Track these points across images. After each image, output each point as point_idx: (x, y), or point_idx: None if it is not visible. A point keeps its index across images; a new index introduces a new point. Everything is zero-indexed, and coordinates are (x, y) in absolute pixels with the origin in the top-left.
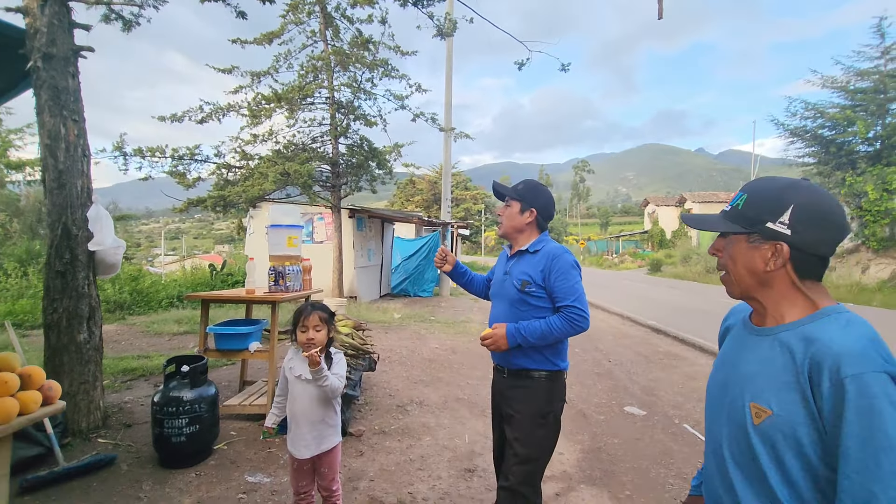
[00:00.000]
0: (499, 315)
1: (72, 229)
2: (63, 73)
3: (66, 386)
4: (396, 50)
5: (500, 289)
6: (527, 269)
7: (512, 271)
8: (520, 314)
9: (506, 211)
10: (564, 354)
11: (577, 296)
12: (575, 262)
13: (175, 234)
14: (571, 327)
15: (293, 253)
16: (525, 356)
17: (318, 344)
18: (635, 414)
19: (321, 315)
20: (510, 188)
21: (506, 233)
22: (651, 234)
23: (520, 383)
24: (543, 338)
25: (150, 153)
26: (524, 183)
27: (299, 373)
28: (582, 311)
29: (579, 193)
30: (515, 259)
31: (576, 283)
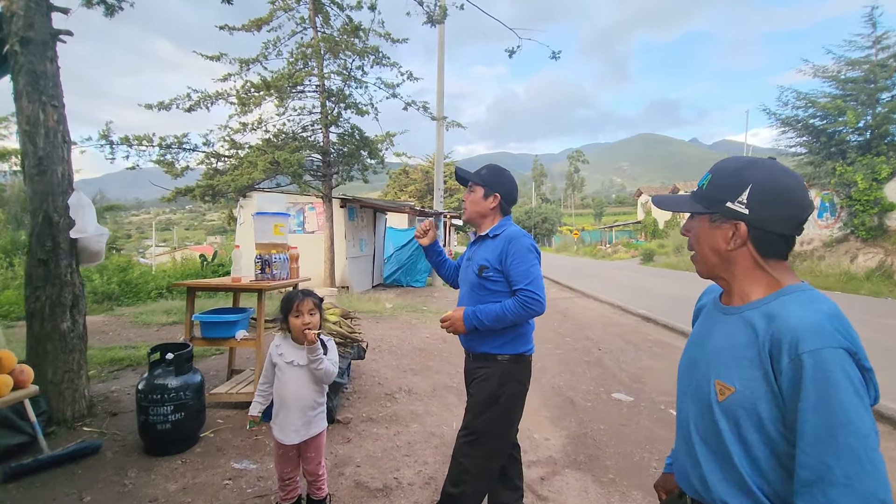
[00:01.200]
0: (461, 299)
1: (53, 217)
2: (41, 57)
3: (49, 375)
4: (387, 37)
5: (464, 274)
6: (486, 253)
7: (473, 256)
8: (479, 298)
9: (469, 196)
10: (527, 338)
11: (531, 279)
12: (532, 245)
13: (166, 225)
14: (525, 310)
15: (280, 241)
16: (486, 340)
17: (314, 327)
18: (622, 400)
19: (314, 300)
20: (473, 173)
21: (470, 218)
22: (644, 224)
23: (481, 365)
24: (498, 320)
25: (136, 141)
26: (487, 168)
27: (291, 358)
28: (535, 294)
29: (574, 184)
30: (478, 244)
31: (531, 266)
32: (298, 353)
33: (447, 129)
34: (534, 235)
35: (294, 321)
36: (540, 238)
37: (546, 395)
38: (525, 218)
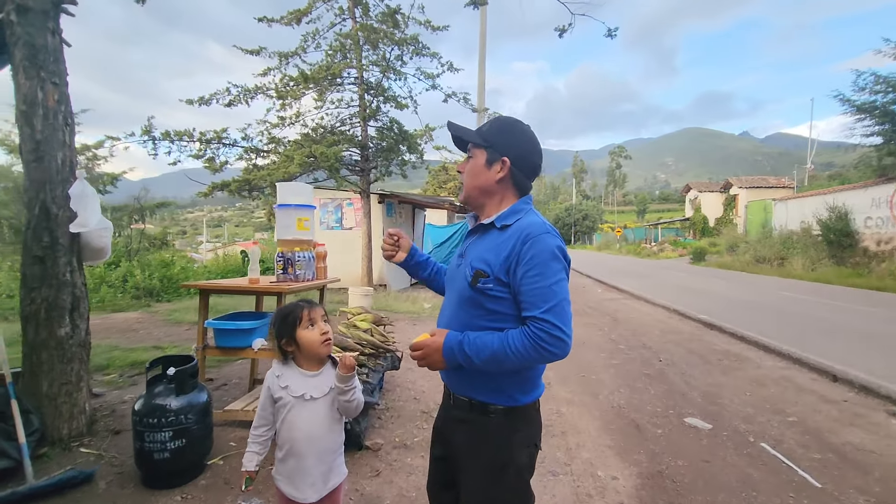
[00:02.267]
0: (444, 314)
1: (51, 208)
2: (41, 28)
3: (45, 387)
4: (427, 25)
5: (452, 277)
6: (487, 252)
7: (468, 253)
8: (469, 318)
9: (467, 164)
10: (534, 382)
11: (554, 303)
12: (559, 248)
13: (218, 221)
14: (538, 353)
15: (304, 237)
16: (472, 382)
17: (332, 336)
18: (699, 427)
19: (323, 309)
20: (472, 131)
21: (468, 197)
22: (693, 221)
23: (466, 417)
24: (496, 361)
25: (177, 137)
26: (492, 122)
27: (301, 391)
28: (558, 328)
29: (615, 180)
30: (477, 236)
31: (556, 282)
32: (310, 383)
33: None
34: (574, 233)
35: (307, 335)
36: (580, 236)
37: (606, 417)
38: (565, 215)
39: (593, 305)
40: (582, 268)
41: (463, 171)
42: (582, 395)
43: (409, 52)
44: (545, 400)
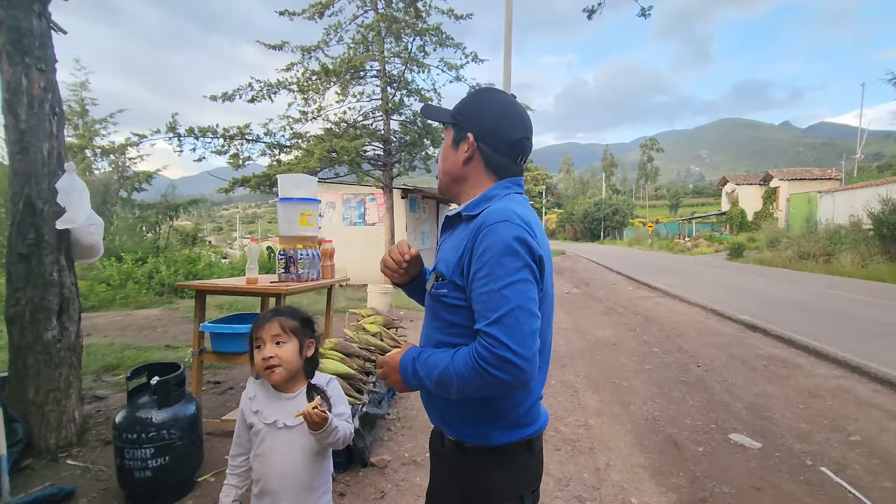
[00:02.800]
0: (424, 327)
1: (36, 203)
2: (26, 11)
3: (31, 394)
4: (450, 14)
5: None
6: (448, 251)
7: (439, 253)
8: (431, 331)
9: (441, 149)
10: (515, 415)
11: (502, 313)
12: (518, 239)
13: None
14: (481, 377)
15: (308, 233)
16: (441, 413)
17: (283, 364)
18: (746, 446)
19: (283, 322)
20: (445, 110)
21: (440, 186)
22: (730, 215)
23: (438, 452)
24: (443, 385)
25: (201, 133)
26: (469, 94)
27: (273, 418)
28: (504, 346)
29: (647, 174)
30: (448, 232)
31: (507, 286)
32: (284, 407)
33: None
34: (603, 228)
35: (256, 358)
36: (610, 231)
37: (640, 432)
38: (594, 210)
39: (624, 304)
40: (612, 264)
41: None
42: (612, 404)
43: (432, 42)
44: (571, 410)
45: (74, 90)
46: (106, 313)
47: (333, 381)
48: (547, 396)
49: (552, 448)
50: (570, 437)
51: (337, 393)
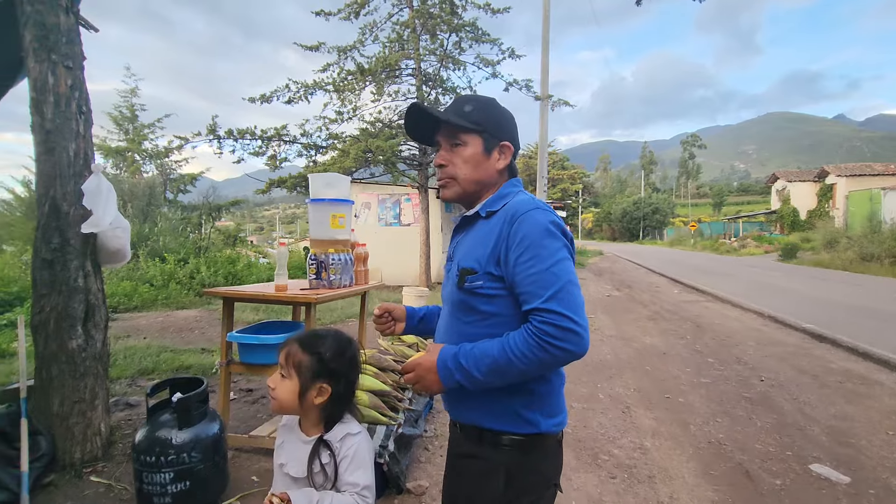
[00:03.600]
0: (440, 328)
1: (61, 206)
2: (53, 5)
3: (55, 406)
4: (486, 8)
5: (444, 286)
6: (474, 247)
7: (455, 253)
8: (463, 327)
9: (457, 155)
10: (556, 404)
11: (557, 289)
12: (554, 223)
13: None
14: (546, 352)
15: (340, 236)
16: (478, 405)
17: (280, 401)
18: (832, 480)
19: (291, 353)
20: (455, 114)
21: (465, 192)
22: (780, 214)
23: (472, 451)
24: (498, 372)
25: (240, 135)
26: (470, 102)
27: (283, 460)
28: (567, 317)
29: (688, 171)
30: (463, 232)
31: (555, 264)
32: (293, 452)
33: (552, 110)
34: (642, 228)
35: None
36: (650, 231)
37: (704, 458)
38: (633, 209)
39: (670, 308)
40: (653, 265)
41: (449, 164)
42: (669, 423)
43: (468, 38)
44: (624, 429)
45: (125, 96)
46: (148, 314)
47: (354, 437)
48: (596, 412)
49: (606, 476)
50: (625, 461)
51: (353, 454)
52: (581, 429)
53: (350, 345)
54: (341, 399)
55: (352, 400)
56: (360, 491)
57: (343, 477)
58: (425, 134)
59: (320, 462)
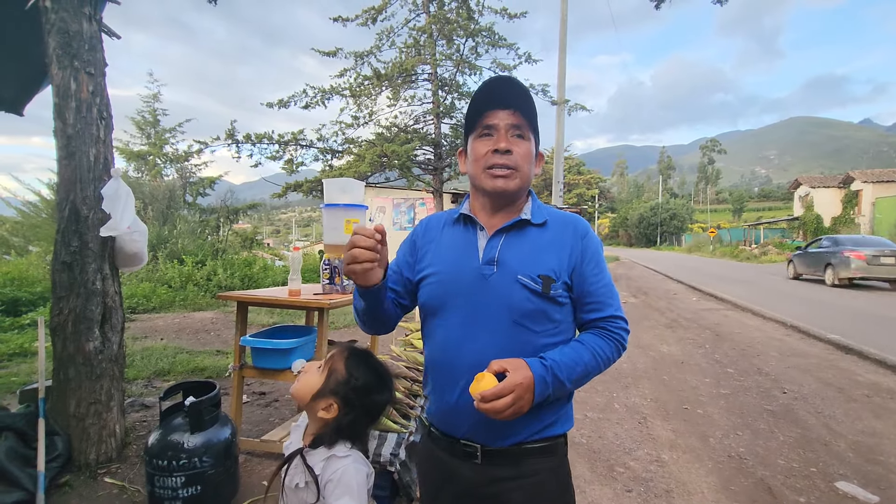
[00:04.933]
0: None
1: (81, 209)
2: (76, 13)
3: (72, 407)
4: (503, 13)
5: (478, 289)
6: (538, 255)
7: (505, 259)
8: (532, 337)
9: (519, 147)
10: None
11: (617, 298)
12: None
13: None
14: (619, 354)
15: None
16: (551, 413)
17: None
18: (860, 499)
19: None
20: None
21: (520, 189)
22: (803, 220)
23: (517, 472)
24: (585, 378)
25: (257, 140)
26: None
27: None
28: (627, 325)
29: (707, 176)
30: (504, 236)
31: (608, 276)
32: (296, 465)
33: (569, 114)
34: (660, 234)
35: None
36: (667, 237)
37: (724, 473)
38: (650, 214)
39: (689, 317)
40: (670, 271)
41: (512, 151)
42: (687, 436)
43: (484, 43)
44: (640, 441)
45: (147, 102)
46: (166, 315)
47: (343, 461)
48: (611, 423)
49: (622, 489)
50: (641, 475)
51: (339, 478)
52: (596, 439)
53: (384, 391)
54: (340, 429)
55: (356, 437)
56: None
57: (329, 501)
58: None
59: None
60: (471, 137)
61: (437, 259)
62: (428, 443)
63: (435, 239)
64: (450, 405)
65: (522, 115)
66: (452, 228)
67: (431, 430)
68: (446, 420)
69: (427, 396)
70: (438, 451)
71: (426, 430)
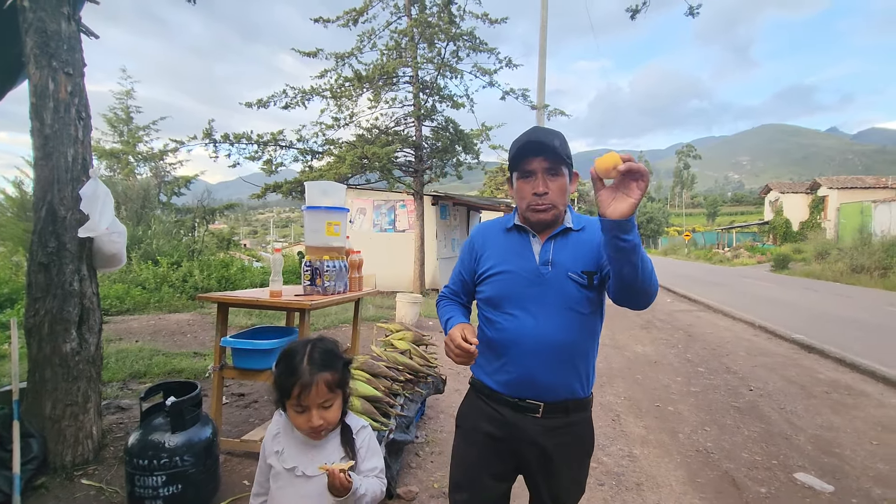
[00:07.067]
0: (546, 322)
1: (58, 210)
2: (54, 13)
3: (47, 409)
4: (484, 18)
5: (537, 282)
6: (581, 254)
7: (558, 260)
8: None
9: (555, 184)
10: None
11: None
12: None
13: (286, 222)
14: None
15: (335, 243)
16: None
17: (331, 425)
18: (816, 489)
19: (329, 379)
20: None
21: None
22: (773, 225)
23: (566, 422)
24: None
25: (236, 140)
26: (557, 137)
27: (293, 463)
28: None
29: (683, 181)
30: (554, 241)
31: None
32: (307, 455)
33: (548, 119)
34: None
35: (296, 418)
36: (645, 239)
37: (691, 465)
38: None
39: (663, 318)
40: None
41: (549, 192)
42: (658, 432)
43: (466, 47)
44: (613, 437)
45: (120, 98)
46: (140, 317)
47: (366, 429)
48: None
49: (594, 482)
50: (614, 469)
51: (368, 444)
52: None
53: (333, 342)
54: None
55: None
56: (378, 474)
57: (364, 464)
58: (517, 159)
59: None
60: (514, 174)
61: (499, 260)
62: (478, 402)
63: (493, 243)
64: (521, 373)
65: (555, 157)
66: (507, 235)
67: (491, 392)
68: (515, 384)
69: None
70: (499, 406)
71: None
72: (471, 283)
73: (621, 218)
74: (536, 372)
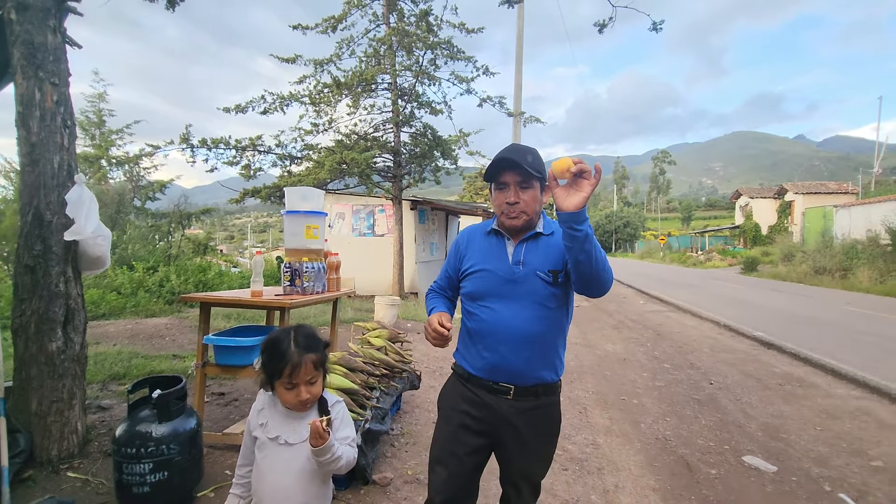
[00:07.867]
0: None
1: (45, 214)
2: (41, 26)
3: (34, 405)
4: (461, 27)
5: (509, 280)
6: (549, 255)
7: (529, 260)
8: (548, 313)
9: (526, 195)
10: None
11: None
12: None
13: (263, 227)
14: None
15: (314, 246)
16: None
17: (315, 398)
18: (761, 469)
19: (314, 359)
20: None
21: (530, 221)
22: (743, 229)
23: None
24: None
25: (214, 145)
26: (530, 153)
27: (276, 433)
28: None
29: (659, 186)
30: (526, 244)
31: None
32: (290, 426)
33: (524, 126)
34: (614, 241)
35: (284, 394)
36: (621, 244)
37: (650, 452)
38: (605, 222)
39: (634, 318)
40: (622, 276)
41: (520, 202)
42: (622, 422)
43: (443, 55)
44: (579, 428)
45: (92, 101)
46: (116, 321)
47: (340, 403)
48: None
49: (559, 468)
50: (577, 456)
51: (343, 416)
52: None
53: (311, 327)
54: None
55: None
56: (350, 442)
57: (338, 433)
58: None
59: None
60: (493, 185)
61: (479, 260)
62: (458, 385)
63: (474, 245)
64: (495, 359)
65: (526, 173)
66: (487, 238)
67: (470, 375)
68: (490, 369)
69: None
70: (476, 389)
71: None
72: (455, 280)
73: (575, 209)
74: (508, 358)
